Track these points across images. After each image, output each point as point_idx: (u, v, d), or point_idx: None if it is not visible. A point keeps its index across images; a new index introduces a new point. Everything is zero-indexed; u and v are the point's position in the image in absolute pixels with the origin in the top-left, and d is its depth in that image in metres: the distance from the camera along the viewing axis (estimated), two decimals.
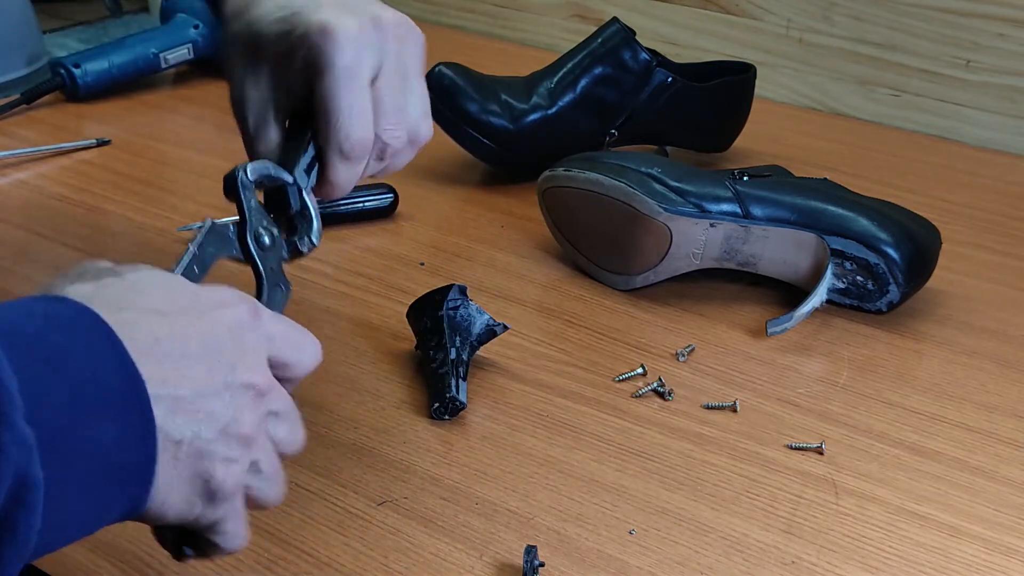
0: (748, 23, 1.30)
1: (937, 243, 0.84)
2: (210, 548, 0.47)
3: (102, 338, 0.41)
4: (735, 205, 0.82)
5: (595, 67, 1.00)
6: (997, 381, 0.76)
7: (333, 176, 0.60)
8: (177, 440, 0.43)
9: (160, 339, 0.43)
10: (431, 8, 1.55)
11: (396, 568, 0.57)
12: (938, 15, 1.18)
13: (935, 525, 0.63)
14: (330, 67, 0.58)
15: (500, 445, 0.67)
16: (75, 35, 1.46)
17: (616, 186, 0.82)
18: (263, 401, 0.47)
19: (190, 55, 1.25)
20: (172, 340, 0.44)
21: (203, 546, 0.47)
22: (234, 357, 0.45)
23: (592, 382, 0.74)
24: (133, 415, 0.41)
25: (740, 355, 0.78)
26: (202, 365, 0.44)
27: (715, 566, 0.59)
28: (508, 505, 0.62)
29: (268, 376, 0.47)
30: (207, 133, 1.16)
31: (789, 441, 0.69)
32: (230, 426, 0.45)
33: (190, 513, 0.45)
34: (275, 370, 0.48)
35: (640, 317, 0.82)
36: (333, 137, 0.59)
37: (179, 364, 0.43)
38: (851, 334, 0.81)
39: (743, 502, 0.64)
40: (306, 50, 0.58)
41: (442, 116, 1.02)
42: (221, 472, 0.44)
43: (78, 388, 0.40)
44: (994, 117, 1.18)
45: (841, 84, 1.27)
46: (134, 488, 0.42)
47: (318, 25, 0.58)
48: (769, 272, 0.84)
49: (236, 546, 0.48)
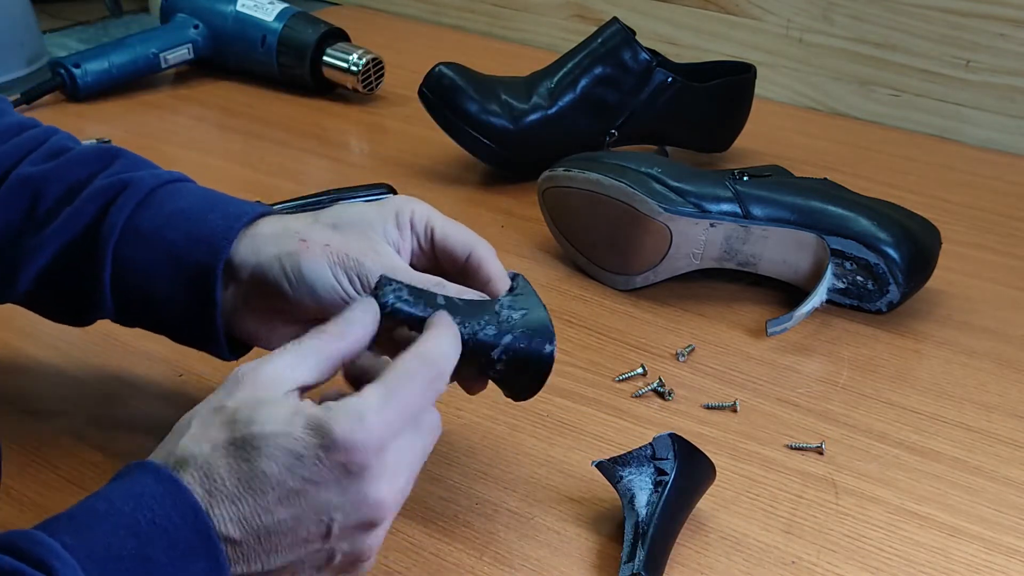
0: (748, 23, 1.30)
1: (937, 243, 0.84)
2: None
3: (200, 554, 0.43)
4: (735, 205, 0.82)
5: (595, 67, 1.00)
6: (997, 381, 0.76)
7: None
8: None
9: (260, 534, 0.45)
10: (431, 8, 1.55)
11: (396, 568, 0.57)
12: (938, 15, 1.18)
13: (935, 525, 0.63)
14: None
15: (500, 445, 0.67)
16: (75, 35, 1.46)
17: (616, 186, 0.82)
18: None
19: (190, 55, 1.25)
20: (271, 534, 0.45)
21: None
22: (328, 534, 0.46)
23: (592, 382, 0.74)
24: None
25: (740, 355, 0.78)
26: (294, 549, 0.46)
27: (715, 566, 0.59)
28: (508, 505, 0.62)
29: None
30: (207, 133, 1.16)
31: (789, 441, 0.69)
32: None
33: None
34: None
35: (640, 317, 0.82)
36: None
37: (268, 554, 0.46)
38: (851, 334, 0.81)
39: (743, 502, 0.64)
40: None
41: (442, 116, 1.02)
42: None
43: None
44: (994, 117, 1.18)
45: (841, 84, 1.27)
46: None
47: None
48: (769, 272, 0.84)
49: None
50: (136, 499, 0.43)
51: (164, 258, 0.57)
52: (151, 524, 0.42)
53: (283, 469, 0.44)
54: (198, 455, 0.45)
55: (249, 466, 0.44)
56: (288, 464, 0.44)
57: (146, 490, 0.43)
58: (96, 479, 0.63)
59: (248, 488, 0.44)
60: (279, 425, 0.45)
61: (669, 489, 0.58)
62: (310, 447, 0.44)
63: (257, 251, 0.56)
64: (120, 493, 0.44)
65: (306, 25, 1.23)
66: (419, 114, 1.05)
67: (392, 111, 1.22)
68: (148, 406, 0.70)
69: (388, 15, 1.58)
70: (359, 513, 0.46)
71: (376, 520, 0.47)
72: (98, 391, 0.71)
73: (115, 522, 0.42)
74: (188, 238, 0.57)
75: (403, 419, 0.47)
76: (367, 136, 1.17)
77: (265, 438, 0.44)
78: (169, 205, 0.59)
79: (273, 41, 1.22)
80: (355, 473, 0.45)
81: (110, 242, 0.57)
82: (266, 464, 0.44)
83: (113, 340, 0.76)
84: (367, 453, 0.45)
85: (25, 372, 0.73)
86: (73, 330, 0.76)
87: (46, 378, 0.72)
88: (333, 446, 0.44)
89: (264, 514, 0.44)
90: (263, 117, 1.18)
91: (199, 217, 0.58)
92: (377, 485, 0.46)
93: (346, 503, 0.45)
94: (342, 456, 0.45)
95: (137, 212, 0.58)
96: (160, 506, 0.43)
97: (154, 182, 0.59)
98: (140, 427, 0.67)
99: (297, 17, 1.24)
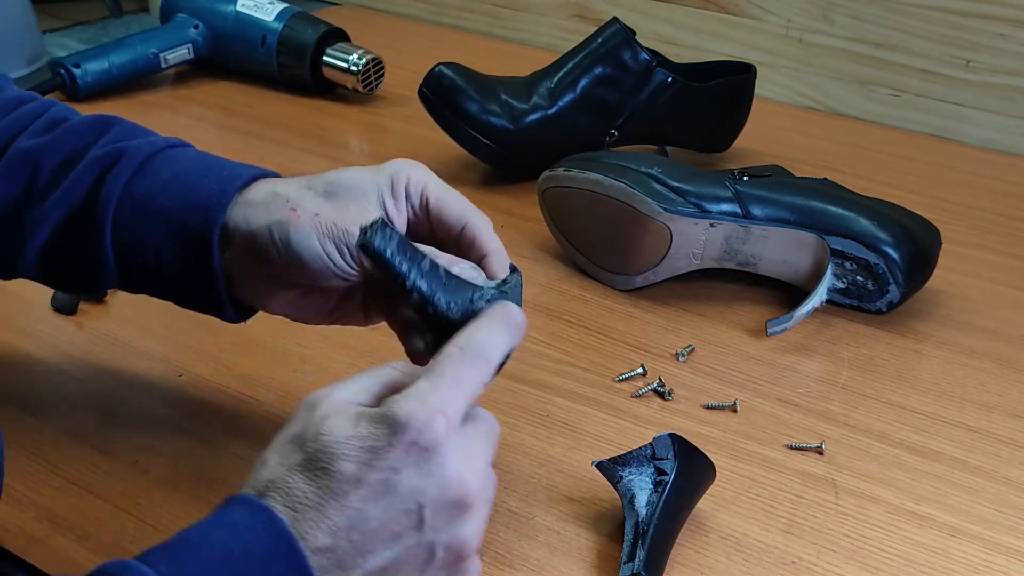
0: (748, 23, 1.30)
1: (937, 243, 0.84)
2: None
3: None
4: (735, 205, 0.82)
5: (595, 67, 1.00)
6: (997, 381, 0.76)
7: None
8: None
9: (352, 535, 0.45)
10: (431, 8, 1.55)
11: None
12: (938, 15, 1.18)
13: (935, 525, 0.63)
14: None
15: (500, 445, 0.67)
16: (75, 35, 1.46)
17: (616, 186, 0.82)
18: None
19: (190, 55, 1.25)
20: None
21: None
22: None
23: (592, 382, 0.74)
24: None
25: (740, 355, 0.78)
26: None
27: (715, 566, 0.59)
28: (508, 505, 0.62)
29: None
30: (207, 133, 1.16)
31: (789, 441, 0.69)
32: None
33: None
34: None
35: (640, 317, 0.82)
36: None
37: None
38: (851, 334, 0.81)
39: (743, 502, 0.64)
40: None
41: (442, 116, 1.02)
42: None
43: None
44: (994, 117, 1.18)
45: (841, 84, 1.27)
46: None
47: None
48: (769, 272, 0.84)
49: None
50: (228, 528, 0.44)
51: (161, 226, 0.57)
52: (244, 552, 0.43)
53: (360, 466, 0.45)
54: (277, 479, 0.45)
55: (327, 474, 0.45)
56: (364, 460, 0.45)
57: (238, 520, 0.44)
58: (96, 479, 0.63)
59: (330, 493, 0.45)
60: (346, 429, 0.46)
61: (669, 489, 0.58)
62: (380, 438, 0.45)
63: (248, 219, 0.56)
64: (214, 524, 0.44)
65: (306, 25, 1.23)
66: (419, 114, 1.05)
67: (392, 111, 1.22)
68: (148, 406, 0.70)
69: (388, 15, 1.58)
70: (446, 494, 0.46)
71: (464, 500, 0.46)
72: (98, 391, 0.71)
73: (209, 551, 0.43)
74: (183, 204, 0.57)
75: (458, 397, 0.47)
76: (367, 136, 1.17)
77: (337, 444, 0.45)
78: (165, 171, 0.59)
79: (273, 41, 1.22)
80: (430, 450, 0.45)
81: (109, 212, 0.57)
82: (342, 466, 0.45)
83: (113, 340, 0.76)
84: (434, 427, 0.45)
85: (25, 372, 0.73)
86: (73, 330, 0.77)
87: (46, 378, 0.72)
88: (401, 429, 0.45)
89: (351, 514, 0.45)
90: (263, 117, 1.18)
91: (194, 183, 0.58)
92: (455, 460, 0.46)
93: (430, 485, 0.46)
94: (412, 435, 0.45)
95: (133, 181, 0.58)
96: (252, 534, 0.43)
97: (150, 149, 0.59)
98: (140, 427, 0.67)
99: (297, 17, 1.24)
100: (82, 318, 0.78)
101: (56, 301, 0.78)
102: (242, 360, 0.74)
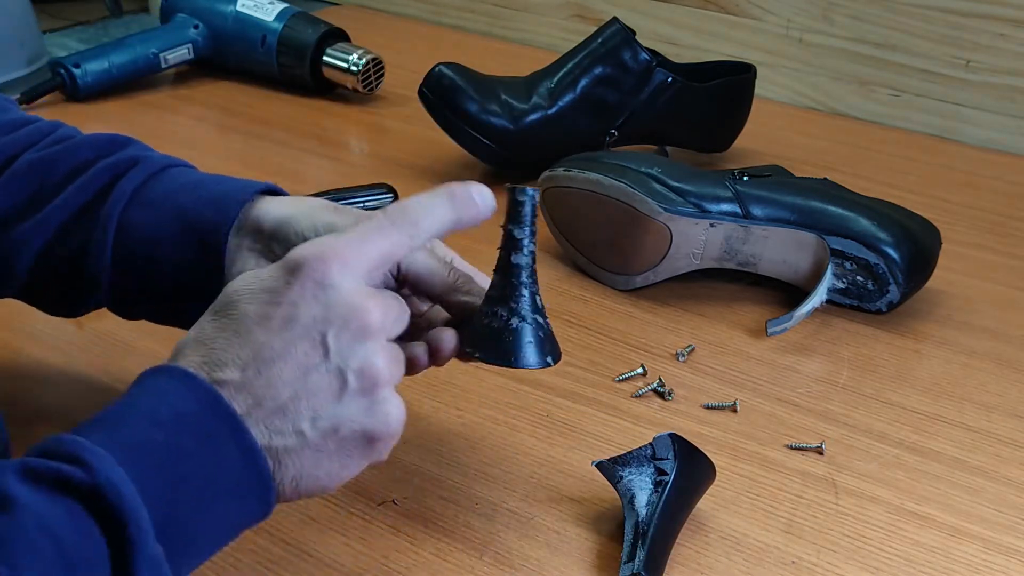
0: (748, 23, 1.30)
1: (937, 243, 0.84)
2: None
3: (226, 435, 0.45)
4: (735, 205, 0.82)
5: (595, 67, 1.00)
6: (997, 381, 0.76)
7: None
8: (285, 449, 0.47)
9: (260, 367, 0.46)
10: (431, 8, 1.55)
11: (396, 568, 0.57)
12: (938, 15, 1.18)
13: (935, 525, 0.63)
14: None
15: (500, 445, 0.67)
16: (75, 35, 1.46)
17: (616, 186, 0.82)
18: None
19: (190, 55, 1.25)
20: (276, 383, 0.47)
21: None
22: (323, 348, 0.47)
23: (592, 382, 0.74)
24: (255, 491, 0.46)
25: (740, 355, 0.78)
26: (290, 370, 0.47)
27: (715, 566, 0.59)
28: (508, 505, 0.62)
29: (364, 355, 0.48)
30: (207, 133, 1.16)
31: (789, 441, 0.69)
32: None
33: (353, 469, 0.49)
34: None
35: (640, 317, 0.82)
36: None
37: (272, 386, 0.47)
38: (851, 334, 0.81)
39: (743, 502, 0.64)
40: None
41: (442, 116, 1.02)
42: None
43: (205, 486, 0.44)
44: (994, 117, 1.19)
45: (841, 84, 1.27)
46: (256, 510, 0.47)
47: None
48: (769, 272, 0.84)
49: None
50: (154, 395, 0.45)
51: (173, 220, 0.58)
52: (172, 414, 0.44)
53: (261, 305, 0.47)
54: (189, 338, 0.48)
55: (230, 317, 0.47)
56: (264, 300, 0.47)
57: (160, 386, 0.45)
58: None
59: (235, 333, 0.47)
60: (247, 277, 0.49)
61: (669, 489, 0.58)
62: (279, 278, 0.47)
63: (270, 211, 0.57)
64: (138, 393, 0.46)
65: (306, 25, 1.23)
66: (419, 114, 1.05)
67: (392, 111, 1.22)
68: None
69: (388, 15, 1.58)
70: (348, 322, 0.47)
71: (366, 326, 0.47)
72: (98, 391, 0.71)
73: (139, 417, 0.44)
74: (199, 201, 0.58)
75: (363, 249, 0.49)
76: (367, 136, 1.17)
77: (238, 292, 0.48)
78: (182, 178, 0.60)
79: (273, 41, 1.22)
80: (329, 284, 0.47)
81: (117, 207, 0.58)
82: (245, 307, 0.47)
83: (113, 340, 0.76)
84: (329, 264, 0.47)
85: (25, 372, 0.73)
86: (73, 330, 0.76)
87: (46, 378, 0.72)
88: (298, 268, 0.47)
89: (256, 348, 0.46)
90: (263, 117, 1.18)
91: (212, 185, 0.59)
92: (353, 288, 0.47)
93: (330, 313, 0.47)
94: (308, 272, 0.47)
95: (147, 183, 0.59)
96: (177, 397, 0.45)
97: (166, 161, 0.61)
98: None
99: (297, 17, 1.24)
100: (82, 318, 0.78)
101: None
102: None
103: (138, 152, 0.62)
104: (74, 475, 0.41)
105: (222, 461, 0.45)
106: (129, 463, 0.42)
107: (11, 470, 0.41)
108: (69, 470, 0.41)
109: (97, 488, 0.40)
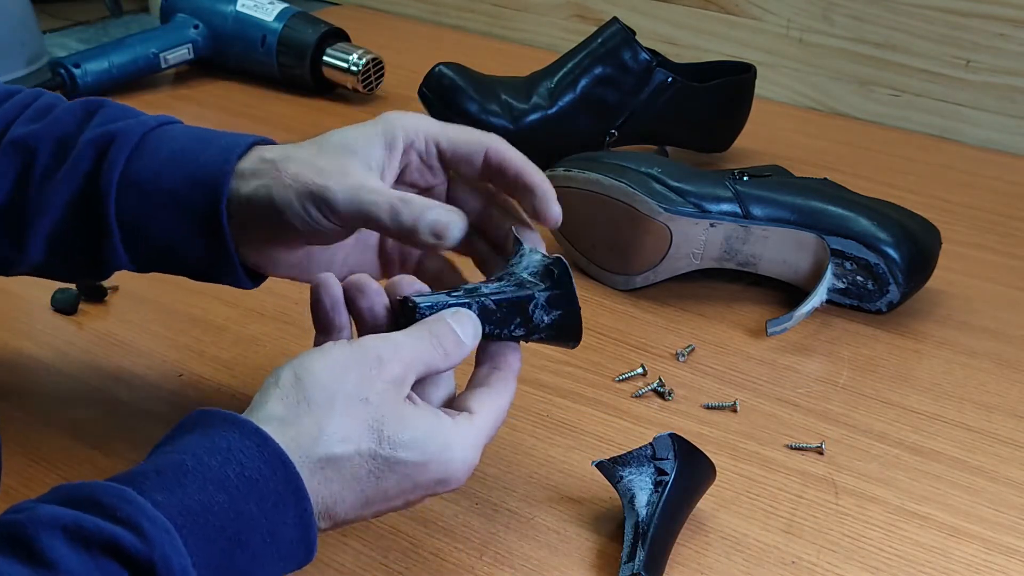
0: (748, 23, 1.30)
1: (937, 243, 0.84)
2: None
3: (291, 502, 0.45)
4: (735, 205, 0.82)
5: (595, 67, 1.00)
6: (997, 381, 0.76)
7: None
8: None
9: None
10: (431, 8, 1.55)
11: (396, 568, 0.57)
12: (938, 15, 1.18)
13: (935, 525, 0.63)
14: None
15: (500, 445, 0.67)
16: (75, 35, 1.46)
17: (616, 186, 0.82)
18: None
19: (190, 55, 1.25)
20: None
21: None
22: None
23: (592, 382, 0.74)
24: (301, 552, 0.46)
25: (740, 355, 0.78)
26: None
27: (715, 566, 0.59)
28: (508, 505, 0.62)
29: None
30: None
31: (789, 441, 0.69)
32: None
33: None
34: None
35: (640, 317, 0.82)
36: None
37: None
38: (851, 334, 0.81)
39: (743, 502, 0.64)
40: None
41: (442, 116, 1.01)
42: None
43: (260, 551, 0.43)
44: (994, 117, 1.19)
45: (841, 84, 1.27)
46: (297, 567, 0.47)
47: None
48: (769, 272, 0.84)
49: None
50: (224, 453, 0.44)
51: (167, 206, 0.58)
52: (241, 478, 0.43)
53: (399, 491, 0.49)
54: (344, 455, 0.47)
55: (378, 481, 0.48)
56: (404, 488, 0.49)
57: (233, 444, 0.44)
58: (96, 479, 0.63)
59: (365, 499, 0.48)
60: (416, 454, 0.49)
61: (669, 489, 0.58)
62: (429, 487, 0.50)
63: (240, 188, 0.57)
64: (206, 448, 0.44)
65: (306, 25, 1.23)
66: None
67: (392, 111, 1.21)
68: (148, 406, 0.70)
69: (388, 15, 1.58)
70: (436, 488, 0.50)
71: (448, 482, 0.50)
72: (98, 391, 0.71)
73: (204, 477, 0.43)
74: (187, 182, 0.57)
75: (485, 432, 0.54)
76: None
77: (404, 464, 0.48)
78: (163, 150, 0.59)
79: (273, 41, 1.22)
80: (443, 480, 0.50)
81: (110, 196, 0.58)
82: (388, 482, 0.48)
83: (113, 340, 0.76)
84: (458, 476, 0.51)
85: (25, 372, 0.73)
86: (73, 330, 0.77)
87: (46, 378, 0.72)
88: (441, 483, 0.50)
89: (363, 507, 0.48)
90: (263, 117, 1.18)
91: (194, 158, 0.58)
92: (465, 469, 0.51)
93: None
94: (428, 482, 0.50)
95: (130, 164, 0.58)
96: (249, 459, 0.43)
97: (141, 129, 0.59)
98: (140, 427, 0.67)
99: (297, 17, 1.24)
100: (82, 318, 0.78)
101: (56, 301, 0.78)
102: (242, 360, 0.74)
103: (111, 121, 0.60)
104: (130, 545, 0.39)
105: (280, 527, 0.44)
106: (188, 528, 0.41)
107: (59, 530, 0.39)
108: (124, 537, 0.39)
109: (151, 564, 0.39)
